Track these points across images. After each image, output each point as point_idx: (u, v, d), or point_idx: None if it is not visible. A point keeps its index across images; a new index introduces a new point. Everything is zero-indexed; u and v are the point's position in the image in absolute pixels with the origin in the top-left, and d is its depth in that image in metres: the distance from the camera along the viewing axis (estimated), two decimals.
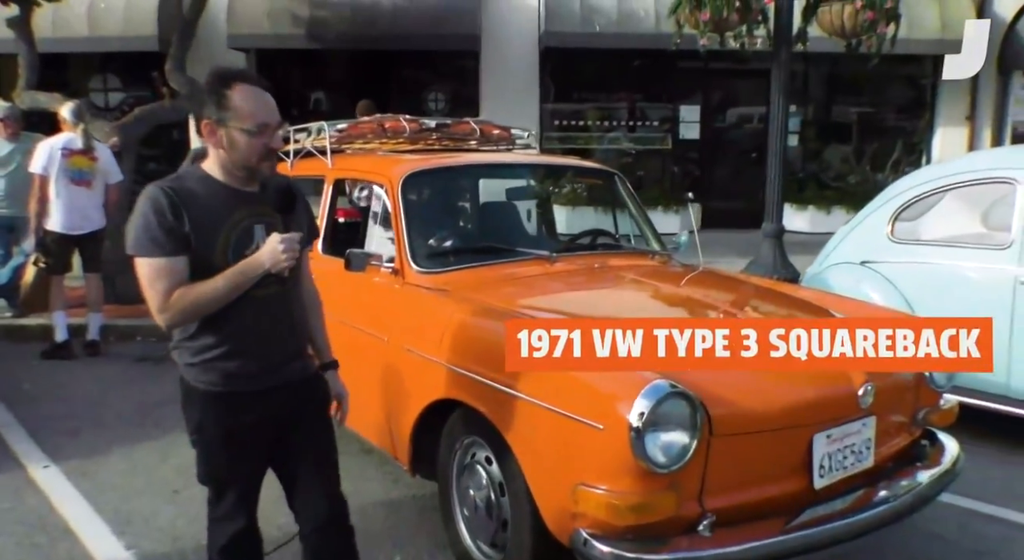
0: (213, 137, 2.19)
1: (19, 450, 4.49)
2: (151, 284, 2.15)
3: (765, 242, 7.62)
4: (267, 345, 2.30)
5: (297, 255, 2.20)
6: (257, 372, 2.29)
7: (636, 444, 2.20)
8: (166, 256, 2.13)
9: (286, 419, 2.37)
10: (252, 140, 2.17)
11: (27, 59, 8.33)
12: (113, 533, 3.51)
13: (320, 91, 13.11)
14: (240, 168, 2.22)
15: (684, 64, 12.09)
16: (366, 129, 4.45)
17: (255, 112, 2.17)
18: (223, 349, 2.25)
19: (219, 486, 2.40)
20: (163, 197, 2.14)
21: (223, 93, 2.17)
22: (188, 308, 2.16)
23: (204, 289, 2.15)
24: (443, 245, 3.60)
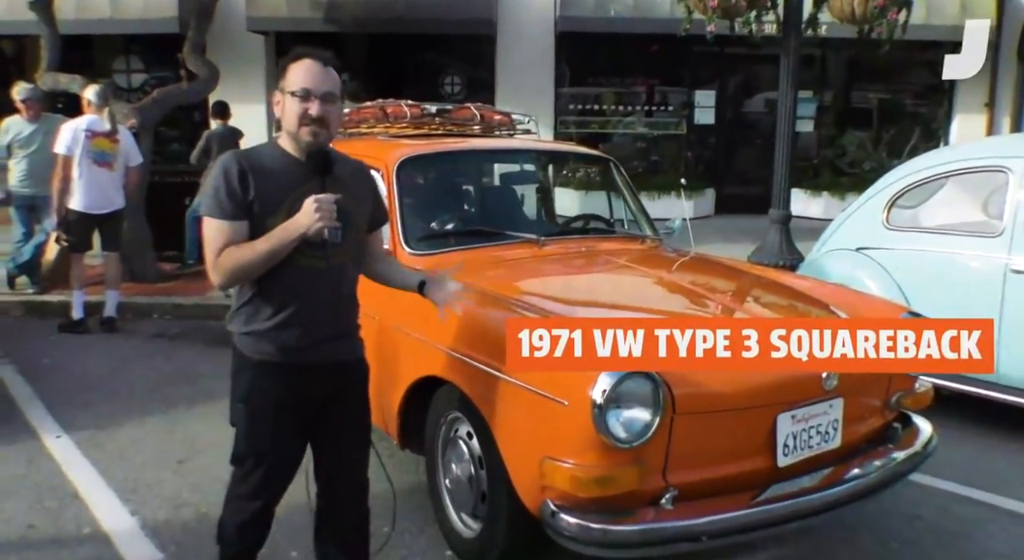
0: (277, 106, 2.35)
1: (34, 421, 4.68)
2: (209, 243, 2.29)
3: (772, 228, 7.68)
4: (314, 318, 2.38)
5: (333, 217, 2.23)
6: (306, 345, 2.37)
7: (598, 420, 2.31)
8: (226, 219, 2.27)
9: (329, 397, 2.47)
10: (294, 104, 2.29)
11: (49, 41, 8.51)
12: (119, 500, 3.68)
13: (343, 74, 13.21)
14: (291, 135, 2.34)
15: (699, 49, 12.05)
16: (368, 114, 4.56)
17: (300, 78, 2.30)
18: (274, 319, 2.35)
19: (256, 460, 2.43)
20: (234, 165, 2.29)
21: (288, 65, 2.35)
22: (234, 267, 2.27)
23: (247, 249, 2.26)
24: (435, 228, 3.71)
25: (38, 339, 6.45)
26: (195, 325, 6.91)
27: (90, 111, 6.59)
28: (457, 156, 4.16)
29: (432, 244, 3.58)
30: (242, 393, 2.42)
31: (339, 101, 2.41)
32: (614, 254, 3.70)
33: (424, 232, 3.63)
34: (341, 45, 13.14)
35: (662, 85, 12.78)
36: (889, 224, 4.88)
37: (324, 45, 9.69)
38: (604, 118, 12.72)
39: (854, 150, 12.49)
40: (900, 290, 4.66)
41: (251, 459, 2.44)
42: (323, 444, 2.55)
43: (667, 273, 3.56)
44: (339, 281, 2.44)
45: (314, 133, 2.33)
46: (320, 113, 2.32)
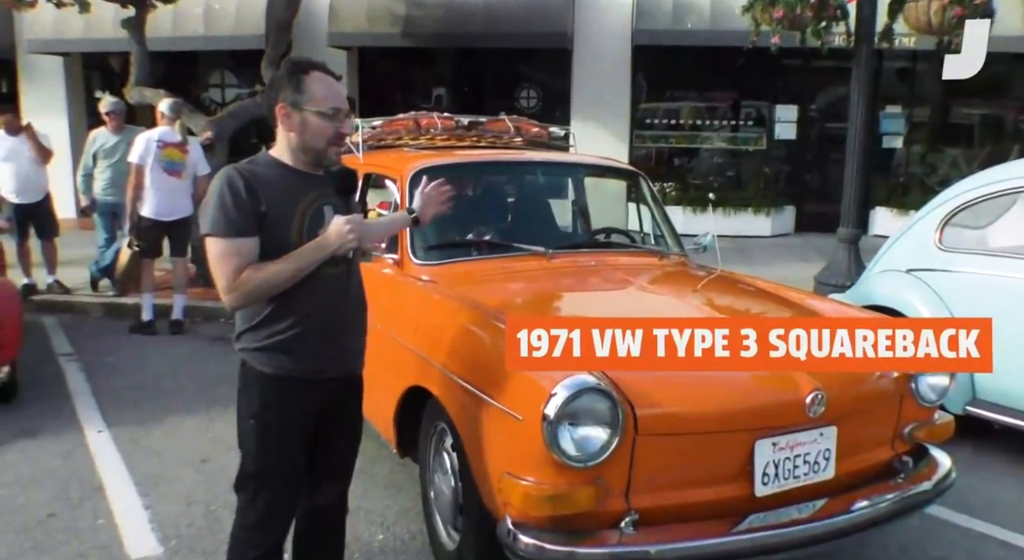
0: (288, 120, 2.28)
1: (83, 415, 4.92)
2: (221, 264, 2.21)
3: (840, 247, 7.36)
4: (333, 330, 2.37)
5: (361, 235, 2.29)
6: (326, 358, 2.37)
7: (549, 436, 2.25)
8: (238, 236, 2.20)
9: (332, 410, 2.47)
10: (325, 123, 2.27)
11: (138, 57, 8.98)
12: (138, 493, 3.83)
13: (441, 87, 13.43)
14: (309, 151, 2.32)
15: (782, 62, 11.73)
16: (400, 126, 4.62)
17: (329, 96, 2.28)
18: (298, 329, 2.31)
19: (263, 481, 2.38)
20: (239, 179, 2.22)
21: (301, 78, 2.28)
22: (257, 289, 2.21)
23: (273, 269, 2.21)
24: (444, 239, 3.71)
25: (110, 339, 6.79)
26: None
27: (163, 123, 6.94)
28: (474, 168, 4.16)
29: (440, 254, 3.59)
30: (253, 410, 2.37)
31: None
32: (625, 269, 3.62)
33: (432, 242, 3.64)
34: (421, 59, 13.43)
35: (741, 99, 12.47)
36: (942, 244, 4.59)
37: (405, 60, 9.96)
38: (681, 132, 12.51)
39: (945, 167, 11.85)
40: (951, 316, 4.37)
41: (259, 480, 2.39)
42: (319, 454, 2.52)
43: (675, 290, 3.45)
44: (355, 289, 2.48)
45: (339, 151, 2.40)
46: (347, 129, 2.39)
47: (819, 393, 2.50)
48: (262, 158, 2.39)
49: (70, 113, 13.31)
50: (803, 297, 3.53)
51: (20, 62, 13.30)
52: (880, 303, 4.71)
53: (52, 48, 12.62)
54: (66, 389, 5.46)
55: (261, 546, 2.44)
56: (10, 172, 7.57)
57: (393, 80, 13.70)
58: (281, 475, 2.41)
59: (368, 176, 4.35)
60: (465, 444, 2.66)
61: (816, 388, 2.50)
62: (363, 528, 3.47)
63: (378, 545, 3.35)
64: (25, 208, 7.68)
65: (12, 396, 5.14)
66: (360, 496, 3.77)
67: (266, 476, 2.40)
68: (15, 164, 7.57)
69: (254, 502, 2.42)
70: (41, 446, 4.43)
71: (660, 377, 2.44)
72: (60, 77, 13.31)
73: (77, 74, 13.58)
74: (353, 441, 2.64)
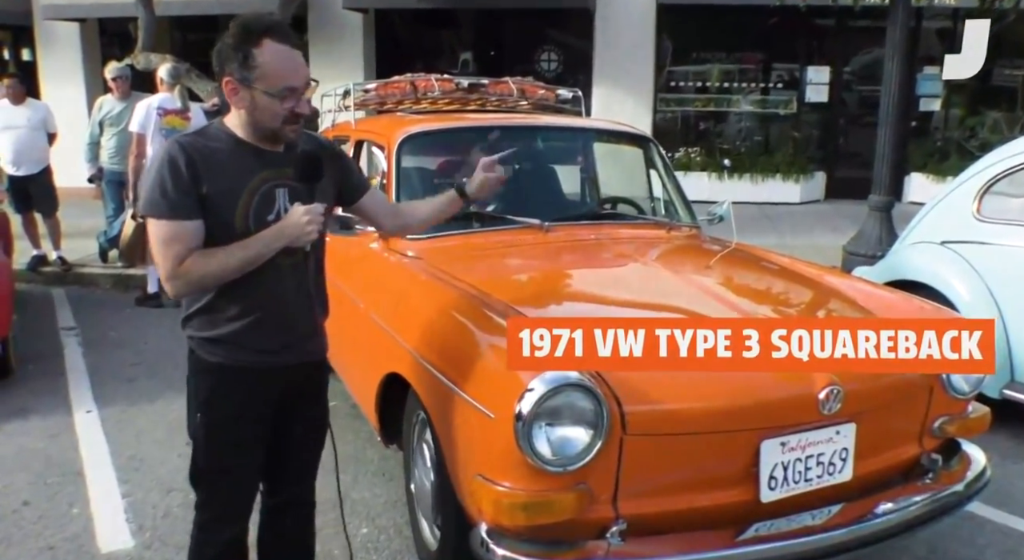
0: (235, 96, 2.01)
1: (74, 394, 4.76)
2: (163, 248, 1.99)
3: (871, 216, 6.98)
4: (291, 316, 2.16)
5: (322, 227, 2.05)
6: (279, 347, 2.15)
7: (521, 437, 2.00)
8: (180, 219, 1.98)
9: (291, 399, 2.25)
10: (277, 104, 1.99)
11: (145, 22, 8.77)
12: (117, 479, 3.66)
13: (467, 51, 13.07)
14: (261, 130, 2.06)
15: (813, 22, 11.22)
16: (396, 89, 4.33)
17: (282, 74, 1.98)
18: (246, 319, 2.10)
19: (216, 476, 2.21)
20: (181, 155, 1.98)
21: (249, 51, 1.96)
22: (202, 278, 2.00)
23: (220, 258, 1.99)
24: None
25: (114, 312, 6.65)
26: None
27: (162, 89, 6.69)
28: (468, 133, 3.85)
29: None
30: (201, 400, 2.17)
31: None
32: (628, 243, 3.33)
33: None
34: (439, 21, 13.06)
35: (772, 61, 11.96)
36: (981, 215, 4.23)
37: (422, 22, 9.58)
38: (707, 96, 12.04)
39: (985, 132, 11.28)
40: (989, 291, 4.04)
41: (212, 476, 2.22)
42: (280, 446, 2.31)
43: (683, 268, 3.15)
44: (310, 276, 2.20)
45: (296, 129, 2.08)
46: (305, 109, 2.06)
47: (835, 388, 2.22)
48: (213, 129, 2.11)
49: (87, 81, 13.15)
50: (821, 273, 3.23)
51: (37, 29, 13.15)
52: (911, 277, 4.39)
53: (67, 14, 12.48)
54: (63, 365, 5.32)
55: (217, 544, 2.27)
56: (8, 142, 7.38)
57: (411, 44, 13.35)
58: (234, 471, 2.21)
59: (360, 143, 4.09)
60: (440, 439, 2.42)
61: (831, 382, 2.22)
62: (347, 520, 3.26)
63: (360, 539, 3.14)
64: (23, 180, 7.50)
65: (6, 373, 5.01)
66: (348, 484, 3.56)
67: (218, 472, 2.21)
68: (14, 133, 7.38)
69: (209, 499, 2.25)
70: (29, 427, 4.28)
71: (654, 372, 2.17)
72: (76, 44, 13.15)
73: (94, 41, 13.41)
74: (316, 431, 2.39)
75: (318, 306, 2.25)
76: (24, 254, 7.63)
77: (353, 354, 3.30)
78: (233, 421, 2.17)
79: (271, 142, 2.09)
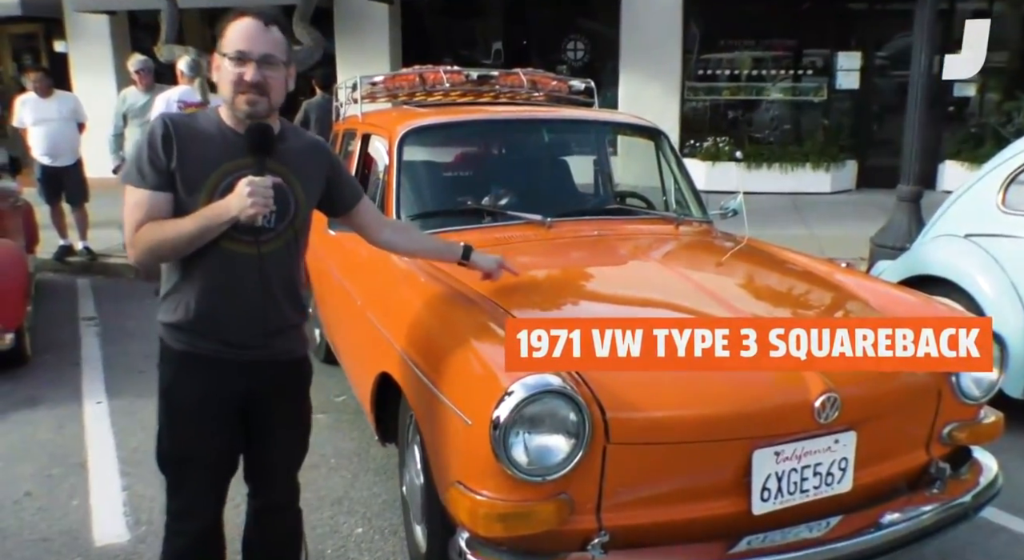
0: (215, 71, 2.10)
1: (87, 385, 4.80)
2: (127, 215, 2.06)
3: (899, 206, 6.79)
4: (251, 309, 2.13)
5: (269, 204, 2.00)
6: (241, 340, 2.14)
7: (497, 444, 1.92)
8: (148, 189, 2.04)
9: (262, 395, 2.22)
10: (230, 68, 2.04)
11: (168, 14, 8.77)
12: (119, 472, 3.67)
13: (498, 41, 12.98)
14: (227, 105, 2.10)
15: (844, 6, 10.95)
16: (404, 82, 4.27)
17: (235, 38, 2.04)
18: (202, 307, 2.10)
19: (180, 466, 2.21)
20: (159, 129, 2.05)
21: (222, 25, 2.09)
22: (152, 245, 2.03)
23: (169, 227, 2.02)
24: (436, 206, 3.38)
25: (135, 303, 6.67)
26: None
27: (183, 82, 6.71)
28: (470, 127, 3.77)
29: (426, 223, 3.23)
30: (164, 385, 2.19)
31: (283, 66, 2.10)
32: (634, 239, 3.23)
33: (420, 209, 3.31)
34: (465, 11, 12.96)
35: (802, 47, 11.68)
36: (1006, 207, 4.06)
37: (447, 12, 9.54)
38: (736, 84, 11.81)
39: (1022, 117, 10.92)
40: (1014, 286, 3.88)
41: (174, 464, 2.22)
42: (256, 445, 2.29)
43: (689, 266, 3.04)
44: (272, 270, 2.14)
45: (251, 102, 2.05)
46: (257, 78, 2.03)
47: (831, 396, 2.12)
48: (210, 113, 2.17)
49: (117, 72, 13.26)
50: (832, 271, 3.10)
51: (68, 21, 13.29)
52: (933, 272, 4.24)
53: (97, 6, 12.57)
54: (79, 355, 5.36)
55: (187, 533, 2.25)
56: (41, 134, 7.48)
57: (436, 35, 13.27)
58: (195, 460, 2.20)
59: (366, 137, 4.03)
60: (425, 442, 2.36)
61: (828, 389, 2.12)
62: (343, 519, 3.24)
63: (355, 539, 3.10)
64: (57, 170, 7.60)
65: (22, 362, 5.06)
66: (348, 483, 3.54)
67: (182, 460, 2.21)
68: (46, 126, 7.47)
69: (177, 487, 2.25)
70: (38, 416, 4.32)
71: (642, 375, 2.09)
72: (106, 36, 13.26)
73: (123, 33, 13.52)
74: (294, 430, 2.35)
75: (287, 303, 2.20)
76: (50, 244, 7.74)
77: (352, 351, 3.27)
78: (194, 410, 2.16)
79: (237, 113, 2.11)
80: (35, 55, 14.59)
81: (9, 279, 4.83)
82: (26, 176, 7.69)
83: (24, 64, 14.23)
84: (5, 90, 14.18)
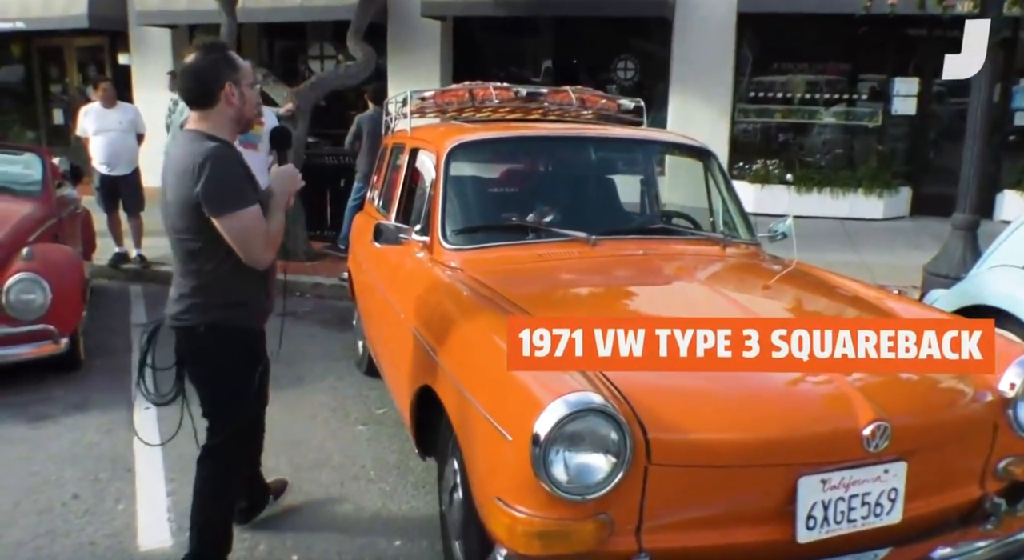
0: (233, 97, 2.54)
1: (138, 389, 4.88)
2: (257, 228, 2.48)
3: (954, 235, 6.63)
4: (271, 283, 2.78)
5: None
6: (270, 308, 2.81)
7: (537, 461, 1.91)
8: (255, 203, 2.51)
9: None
10: (253, 93, 2.62)
11: (227, 27, 8.99)
12: (165, 478, 3.72)
13: (548, 59, 13.07)
14: (244, 122, 2.64)
15: (902, 31, 10.76)
16: (453, 97, 4.30)
17: (249, 70, 2.60)
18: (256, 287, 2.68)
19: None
20: (232, 154, 2.53)
21: (230, 57, 2.58)
22: (276, 241, 2.58)
23: (275, 221, 2.56)
24: (480, 221, 3.39)
25: None
26: (324, 305, 7.03)
27: None
28: (518, 143, 3.77)
29: (472, 238, 3.27)
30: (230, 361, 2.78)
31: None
32: (679, 260, 3.20)
33: (466, 225, 3.32)
34: (517, 29, 13.06)
35: (857, 71, 11.51)
36: None
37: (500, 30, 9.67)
38: (788, 107, 11.67)
39: None
40: None
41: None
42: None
43: (735, 289, 3.00)
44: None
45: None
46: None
47: (881, 424, 2.06)
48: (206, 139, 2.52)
49: None
50: (882, 298, 3.04)
51: (132, 35, 13.71)
52: (990, 303, 4.11)
53: (160, 20, 12.95)
54: (129, 361, 5.46)
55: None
56: (102, 144, 7.67)
57: (489, 52, 13.39)
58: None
59: (414, 151, 4.07)
60: (464, 457, 2.35)
61: (877, 418, 2.06)
62: (381, 531, 3.24)
63: (392, 553, 3.10)
64: (114, 179, 7.79)
65: (75, 367, 5.18)
66: (387, 495, 3.55)
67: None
68: (107, 136, 7.67)
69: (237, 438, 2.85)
70: (88, 421, 4.40)
71: (684, 395, 2.06)
72: (167, 50, 13.63)
73: (184, 47, 13.87)
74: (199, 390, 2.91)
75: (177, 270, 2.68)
76: (106, 251, 7.93)
77: (394, 364, 3.28)
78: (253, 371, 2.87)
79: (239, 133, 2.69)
80: (99, 67, 15.08)
81: (67, 285, 4.94)
82: (86, 185, 7.90)
83: (89, 76, 14.70)
84: (71, 101, 14.65)
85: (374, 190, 5.17)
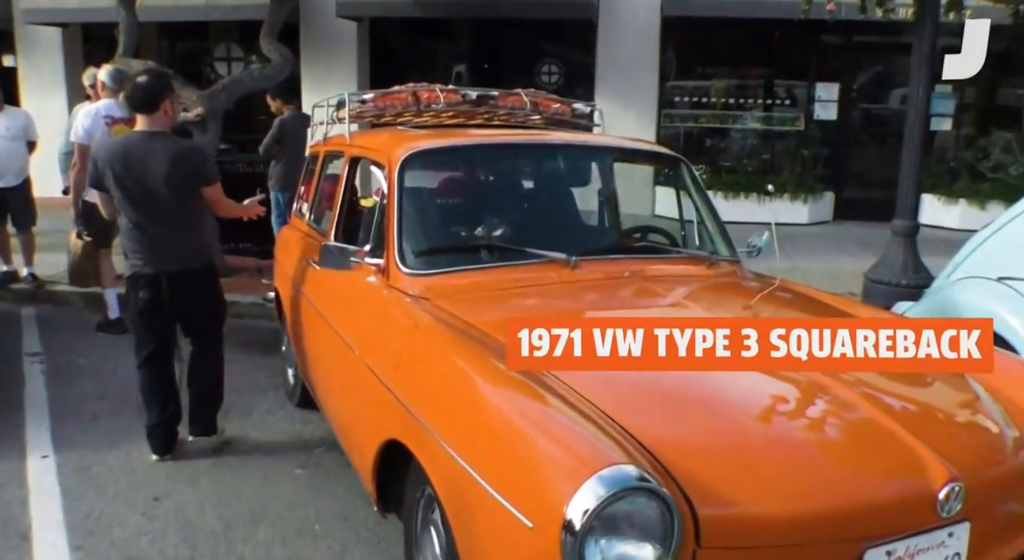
0: (169, 110, 3.65)
1: (31, 435, 4.25)
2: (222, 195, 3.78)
3: (894, 241, 6.57)
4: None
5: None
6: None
7: (571, 554, 1.53)
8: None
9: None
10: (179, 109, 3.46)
11: (126, 26, 8.29)
12: (68, 546, 3.15)
13: (461, 64, 12.68)
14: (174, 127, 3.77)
15: (823, 37, 10.87)
16: (395, 100, 3.88)
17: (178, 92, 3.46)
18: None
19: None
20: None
21: (169, 80, 3.79)
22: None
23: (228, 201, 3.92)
24: (442, 242, 2.98)
25: (84, 335, 6.12)
26: (242, 325, 6.44)
27: (105, 95, 6.06)
28: (479, 151, 3.39)
29: (435, 261, 2.85)
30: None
31: None
32: (668, 282, 2.88)
33: (426, 246, 2.91)
34: (436, 31, 12.65)
35: (779, 77, 11.59)
36: None
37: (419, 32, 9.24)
38: (713, 112, 11.65)
39: (998, 152, 10.92)
40: None
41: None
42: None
43: (732, 311, 2.69)
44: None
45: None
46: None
47: (956, 485, 1.77)
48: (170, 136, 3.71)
49: (69, 88, 12.62)
50: (877, 316, 2.80)
51: (18, 34, 12.64)
52: (965, 315, 3.95)
53: (50, 18, 11.99)
54: (21, 397, 4.81)
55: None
56: None
57: (407, 55, 12.92)
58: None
59: (355, 160, 3.63)
60: (455, 533, 1.95)
61: (952, 478, 1.77)
62: None
63: None
64: (1, 191, 6.99)
65: None
66: (337, 555, 3.09)
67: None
68: None
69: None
70: None
71: (728, 455, 1.72)
72: (58, 50, 12.64)
73: (76, 47, 12.89)
74: None
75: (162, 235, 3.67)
76: None
77: (345, 406, 2.83)
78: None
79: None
80: None
81: None
82: None
83: None
84: None
85: (301, 201, 4.69)
